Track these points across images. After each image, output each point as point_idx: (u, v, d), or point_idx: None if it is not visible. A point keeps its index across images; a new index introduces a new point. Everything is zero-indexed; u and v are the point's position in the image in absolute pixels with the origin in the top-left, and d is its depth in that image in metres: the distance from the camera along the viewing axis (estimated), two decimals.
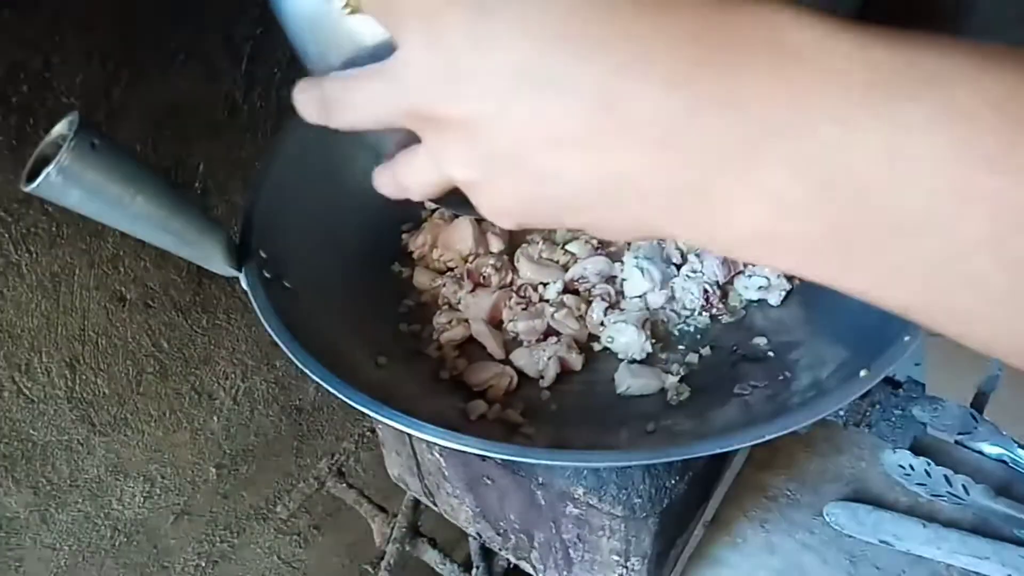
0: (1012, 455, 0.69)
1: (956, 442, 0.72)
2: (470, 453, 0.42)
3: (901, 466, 0.70)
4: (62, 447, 0.71)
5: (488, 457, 0.45)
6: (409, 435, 0.50)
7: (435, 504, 0.74)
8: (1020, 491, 0.67)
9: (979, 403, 0.77)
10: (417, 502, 0.84)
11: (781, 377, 0.51)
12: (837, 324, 0.55)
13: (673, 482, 0.52)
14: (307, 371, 0.46)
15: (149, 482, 0.80)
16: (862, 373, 0.43)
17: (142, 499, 0.80)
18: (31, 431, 0.68)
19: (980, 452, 0.71)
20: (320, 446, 1.00)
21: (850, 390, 0.42)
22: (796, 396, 0.47)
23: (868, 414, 0.68)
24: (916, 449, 0.70)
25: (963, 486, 0.67)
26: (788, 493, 0.73)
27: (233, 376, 0.84)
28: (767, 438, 0.40)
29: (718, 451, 0.40)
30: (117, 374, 0.72)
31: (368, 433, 0.99)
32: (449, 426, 0.43)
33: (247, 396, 0.87)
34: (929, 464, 0.68)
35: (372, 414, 0.44)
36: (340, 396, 0.44)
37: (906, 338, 0.43)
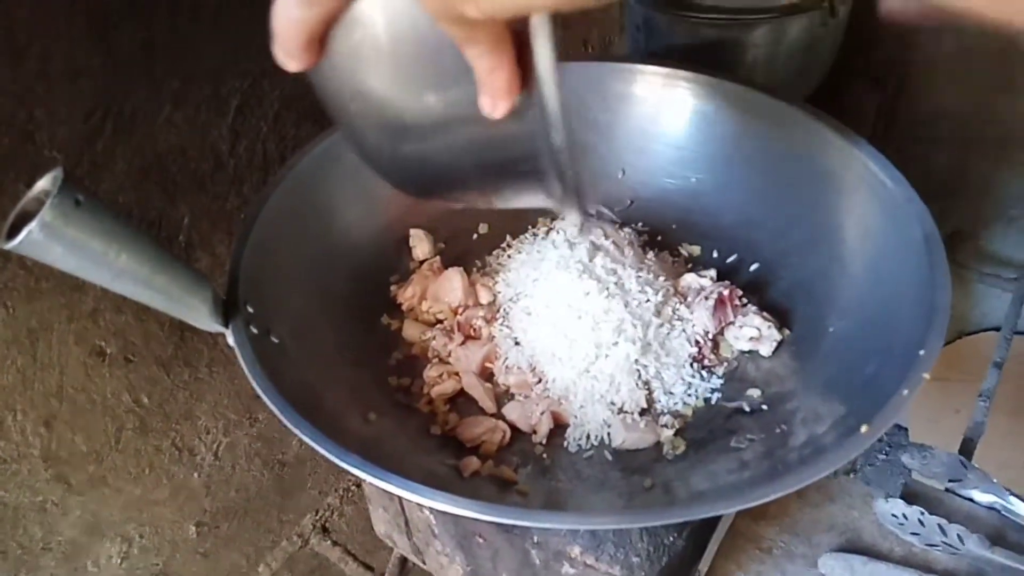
0: (1004, 503, 0.69)
1: (947, 490, 0.72)
2: (466, 517, 0.40)
3: (894, 515, 0.69)
4: (35, 508, 0.68)
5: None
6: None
7: (424, 562, 0.72)
8: (1014, 540, 0.67)
9: (967, 449, 0.77)
10: (404, 560, 0.82)
11: (778, 431, 0.51)
12: (830, 375, 0.54)
13: (671, 539, 0.51)
14: (297, 431, 0.44)
15: (127, 542, 0.77)
16: (863, 428, 0.42)
17: (119, 560, 0.77)
18: (2, 492, 0.65)
19: (971, 500, 0.71)
20: (303, 501, 0.97)
21: (851, 447, 0.41)
22: (794, 452, 0.47)
23: (855, 460, 0.67)
24: (907, 497, 0.69)
25: (958, 536, 0.66)
26: (782, 544, 0.72)
27: (215, 431, 0.82)
28: (769, 498, 0.39)
29: (719, 512, 0.39)
30: (95, 431, 0.70)
31: (353, 487, 0.97)
32: (442, 485, 0.42)
33: (229, 451, 0.84)
34: (923, 513, 0.68)
35: (363, 475, 0.42)
36: (331, 457, 0.43)
37: (904, 391, 0.43)
